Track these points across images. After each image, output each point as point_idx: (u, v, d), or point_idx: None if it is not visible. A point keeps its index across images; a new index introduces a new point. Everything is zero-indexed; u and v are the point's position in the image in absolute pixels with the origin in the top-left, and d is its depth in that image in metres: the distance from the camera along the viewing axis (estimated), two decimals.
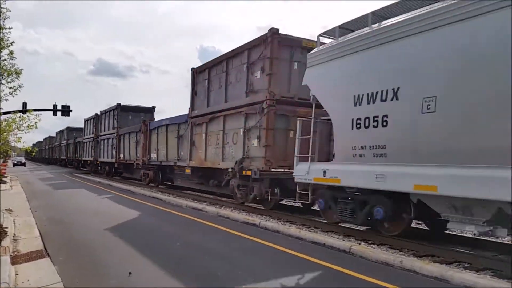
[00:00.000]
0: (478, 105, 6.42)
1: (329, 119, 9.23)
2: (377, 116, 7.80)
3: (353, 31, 8.92)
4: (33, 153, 37.97)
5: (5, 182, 23.66)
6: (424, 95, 6.96)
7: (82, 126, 42.94)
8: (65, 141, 54.78)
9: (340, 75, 8.87)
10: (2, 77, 8.38)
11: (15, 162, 61.18)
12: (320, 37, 9.74)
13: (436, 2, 7.11)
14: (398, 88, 7.43)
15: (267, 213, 12.00)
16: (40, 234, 9.31)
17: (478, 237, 7.81)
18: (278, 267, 6.97)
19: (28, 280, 5.93)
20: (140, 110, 31.85)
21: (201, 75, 16.31)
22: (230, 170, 13.28)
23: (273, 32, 11.87)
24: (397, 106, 7.47)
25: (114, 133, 30.11)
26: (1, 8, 8.16)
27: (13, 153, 64.46)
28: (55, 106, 34.80)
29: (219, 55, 15.21)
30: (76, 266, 6.89)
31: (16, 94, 8.64)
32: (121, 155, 28.50)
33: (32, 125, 9.22)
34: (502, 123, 6.02)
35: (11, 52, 8.43)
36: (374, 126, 7.88)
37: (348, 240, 8.66)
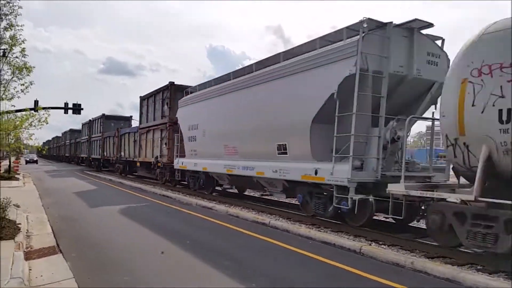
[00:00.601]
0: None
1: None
2: (193, 136, 17.18)
3: (199, 89, 17.36)
4: (44, 151, 40.37)
5: (17, 179, 24.02)
6: (202, 128, 16.32)
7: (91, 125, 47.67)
8: (68, 141, 64.27)
9: (186, 113, 18.12)
10: (14, 74, 8.47)
11: (28, 159, 62.10)
12: (188, 90, 18.61)
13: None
14: (197, 124, 16.72)
15: (277, 213, 12.02)
16: (53, 230, 9.44)
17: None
18: (288, 267, 6.96)
19: (41, 276, 6.02)
20: (120, 119, 41.77)
21: (144, 101, 25.49)
22: (153, 162, 22.36)
23: (171, 83, 20.87)
24: (197, 132, 16.78)
25: (100, 136, 38.63)
26: (13, 5, 8.26)
27: (25, 150, 65.55)
28: (66, 104, 35.24)
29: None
30: (88, 262, 6.97)
31: (27, 91, 8.72)
32: (105, 153, 36.90)
33: (43, 121, 9.32)
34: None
35: (23, 50, 8.55)
36: (193, 140, 17.14)
37: (358, 240, 8.63)
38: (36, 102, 26.09)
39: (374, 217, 10.01)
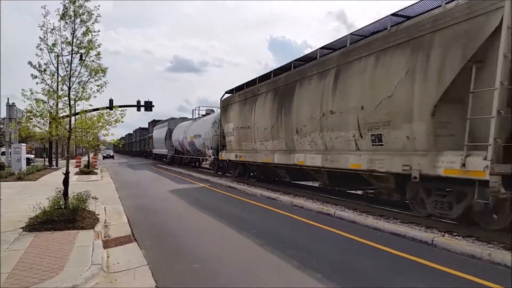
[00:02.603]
0: None
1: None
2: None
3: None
4: (120, 145, 42.67)
5: (96, 173, 25.91)
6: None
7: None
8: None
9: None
10: (91, 76, 9.06)
11: (105, 155, 66.84)
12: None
13: None
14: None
15: (342, 203, 11.77)
16: (128, 220, 10.06)
17: None
18: (354, 257, 6.80)
19: (118, 263, 6.44)
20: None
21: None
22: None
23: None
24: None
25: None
26: (92, 14, 8.83)
27: (103, 147, 70.67)
28: (138, 102, 37.35)
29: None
30: (160, 250, 7.32)
31: (102, 91, 9.31)
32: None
33: (119, 120, 9.90)
34: None
35: (98, 54, 9.10)
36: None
37: (430, 231, 8.21)
38: (111, 101, 28.01)
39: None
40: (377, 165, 9.87)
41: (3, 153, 32.38)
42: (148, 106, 37.61)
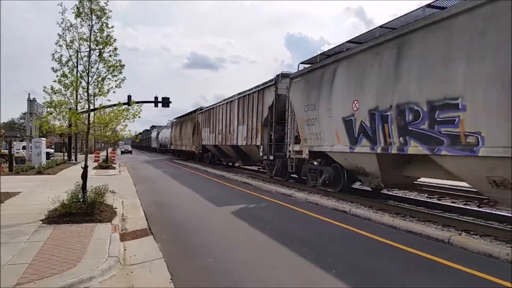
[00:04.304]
0: None
1: None
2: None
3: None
4: (138, 140, 43.38)
5: (114, 168, 26.29)
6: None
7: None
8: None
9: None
10: (109, 71, 9.19)
11: (123, 150, 67.72)
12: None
13: None
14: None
15: (358, 201, 11.69)
16: (145, 214, 10.20)
17: None
18: (369, 255, 6.76)
19: (135, 256, 6.54)
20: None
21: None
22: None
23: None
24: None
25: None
26: (105, 10, 8.96)
27: (121, 142, 71.78)
28: (156, 98, 37.80)
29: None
30: (176, 244, 7.41)
31: (120, 87, 9.42)
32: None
33: (137, 114, 10.06)
34: None
35: (115, 49, 9.22)
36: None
37: (447, 230, 8.10)
38: (129, 97, 28.45)
39: None
40: None
41: (24, 147, 33.17)
42: (166, 102, 38.06)
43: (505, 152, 6.84)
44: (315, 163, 14.15)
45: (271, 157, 18.00)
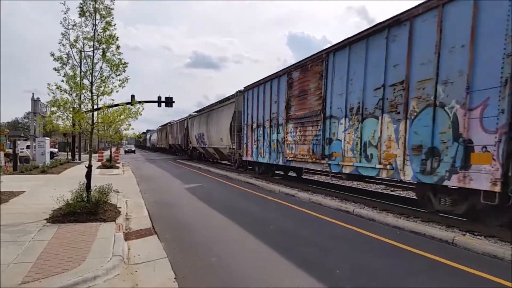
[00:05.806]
0: None
1: None
2: None
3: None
4: (141, 139, 43.66)
5: (118, 167, 26.36)
6: None
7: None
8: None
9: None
10: (112, 70, 9.21)
11: (126, 149, 67.96)
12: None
13: None
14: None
15: (361, 201, 11.68)
16: (149, 213, 10.22)
17: None
18: (373, 256, 6.73)
19: (139, 255, 6.56)
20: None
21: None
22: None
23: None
24: None
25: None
26: (110, 9, 8.99)
27: (124, 142, 72.12)
28: (159, 98, 37.82)
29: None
30: (179, 243, 7.41)
31: (124, 86, 9.44)
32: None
33: (139, 112, 10.12)
34: None
35: (118, 47, 9.23)
36: None
37: (451, 230, 8.08)
38: (132, 96, 28.49)
39: None
40: None
41: (28, 147, 33.30)
42: (169, 102, 38.06)
43: None
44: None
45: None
